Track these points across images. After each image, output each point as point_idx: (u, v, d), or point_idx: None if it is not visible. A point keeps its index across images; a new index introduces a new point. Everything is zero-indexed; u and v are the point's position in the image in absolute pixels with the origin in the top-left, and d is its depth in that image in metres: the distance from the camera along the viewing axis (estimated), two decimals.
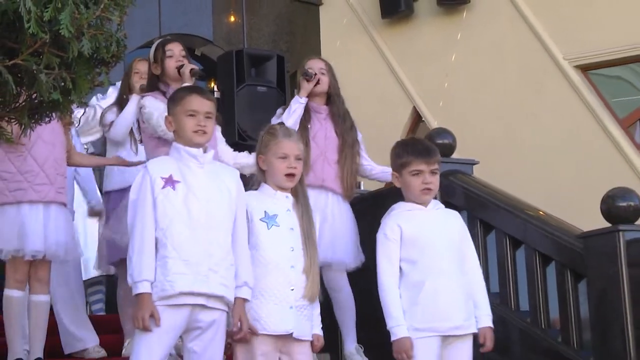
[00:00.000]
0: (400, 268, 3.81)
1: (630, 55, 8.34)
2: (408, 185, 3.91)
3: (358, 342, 5.10)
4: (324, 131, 5.08)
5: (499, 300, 5.42)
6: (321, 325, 3.84)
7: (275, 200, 3.81)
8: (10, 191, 4.59)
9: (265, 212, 3.76)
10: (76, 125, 5.58)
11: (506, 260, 5.41)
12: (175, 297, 3.50)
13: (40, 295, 4.71)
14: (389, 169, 4.24)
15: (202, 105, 3.70)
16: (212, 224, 3.59)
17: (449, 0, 9.01)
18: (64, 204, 4.77)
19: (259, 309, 3.66)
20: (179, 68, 4.82)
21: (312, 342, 3.78)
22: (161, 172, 3.61)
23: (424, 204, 3.92)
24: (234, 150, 5.12)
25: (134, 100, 5.16)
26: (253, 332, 3.63)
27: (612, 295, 4.82)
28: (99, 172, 6.30)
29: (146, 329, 3.47)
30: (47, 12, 2.61)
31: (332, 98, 5.16)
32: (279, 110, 5.22)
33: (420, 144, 4.05)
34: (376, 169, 5.26)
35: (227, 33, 9.63)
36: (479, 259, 5.53)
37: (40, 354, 4.66)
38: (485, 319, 3.87)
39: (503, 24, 8.84)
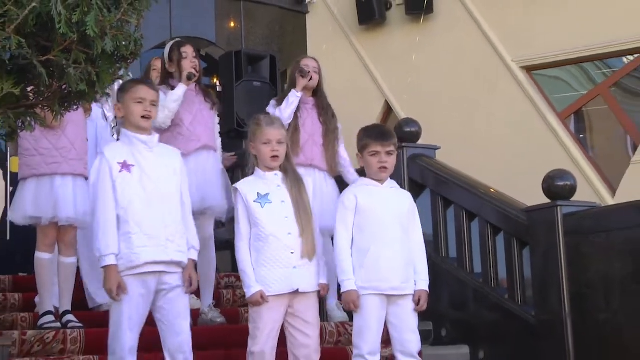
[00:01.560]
0: (352, 234, 3.78)
1: (567, 58, 8.37)
2: (367, 164, 3.88)
3: (339, 299, 5.09)
4: (311, 119, 5.05)
5: (457, 264, 5.45)
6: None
7: (265, 181, 3.77)
8: (47, 164, 4.56)
9: (257, 193, 3.72)
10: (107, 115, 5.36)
11: (462, 231, 5.44)
12: (141, 266, 3.46)
13: (67, 258, 4.67)
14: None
15: (148, 93, 3.64)
16: (164, 200, 3.55)
17: (416, 10, 8.99)
18: (87, 178, 4.66)
19: (267, 276, 3.64)
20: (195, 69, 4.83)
21: (319, 291, 3.74)
22: (117, 158, 3.55)
23: (381, 181, 3.87)
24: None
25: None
26: (264, 299, 3.60)
27: (550, 260, 4.86)
28: None
29: (116, 300, 3.44)
30: (75, 15, 2.59)
31: (318, 93, 5.13)
32: (272, 101, 5.16)
33: (378, 129, 4.00)
34: (350, 174, 5.06)
35: (227, 36, 9.57)
36: (440, 230, 5.59)
37: (68, 307, 4.64)
38: (422, 283, 3.80)
39: (461, 31, 8.83)
